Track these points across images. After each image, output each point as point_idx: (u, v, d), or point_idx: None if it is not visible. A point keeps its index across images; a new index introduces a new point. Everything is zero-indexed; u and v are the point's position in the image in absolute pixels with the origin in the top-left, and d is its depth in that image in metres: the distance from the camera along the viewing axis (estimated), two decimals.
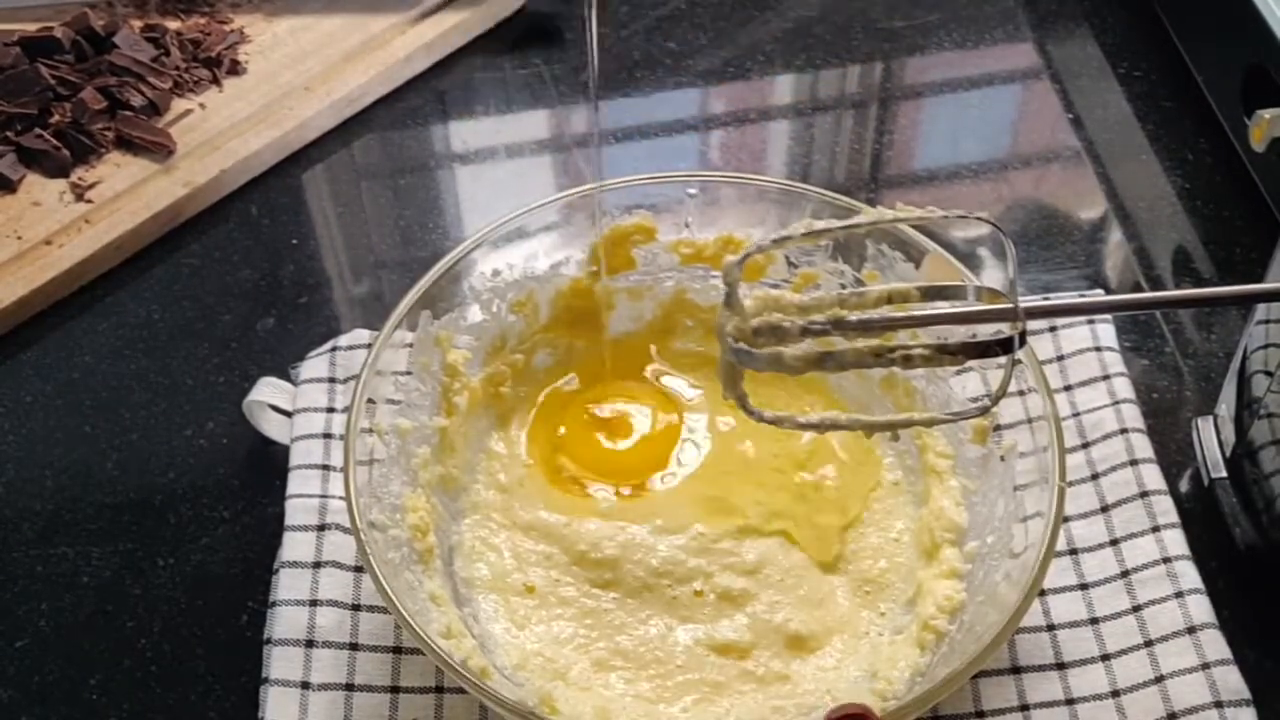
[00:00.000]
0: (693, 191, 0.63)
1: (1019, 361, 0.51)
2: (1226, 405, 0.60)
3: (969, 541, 0.57)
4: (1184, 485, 0.63)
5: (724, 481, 0.62)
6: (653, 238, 0.64)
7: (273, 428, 0.64)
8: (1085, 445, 0.62)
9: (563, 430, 0.64)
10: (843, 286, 0.63)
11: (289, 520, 0.59)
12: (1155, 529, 0.58)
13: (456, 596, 0.57)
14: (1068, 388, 0.64)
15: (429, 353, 0.60)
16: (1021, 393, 0.57)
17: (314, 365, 0.65)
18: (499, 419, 0.64)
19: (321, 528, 0.59)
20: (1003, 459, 0.57)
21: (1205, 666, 0.54)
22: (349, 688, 0.55)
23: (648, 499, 0.61)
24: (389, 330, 0.58)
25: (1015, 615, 0.49)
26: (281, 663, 0.55)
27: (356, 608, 0.57)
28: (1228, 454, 0.59)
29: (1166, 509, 0.59)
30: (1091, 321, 0.66)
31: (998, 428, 0.58)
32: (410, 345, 0.59)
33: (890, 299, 0.47)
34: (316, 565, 0.58)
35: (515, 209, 0.62)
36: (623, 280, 0.65)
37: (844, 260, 0.63)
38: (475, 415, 0.62)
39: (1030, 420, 0.56)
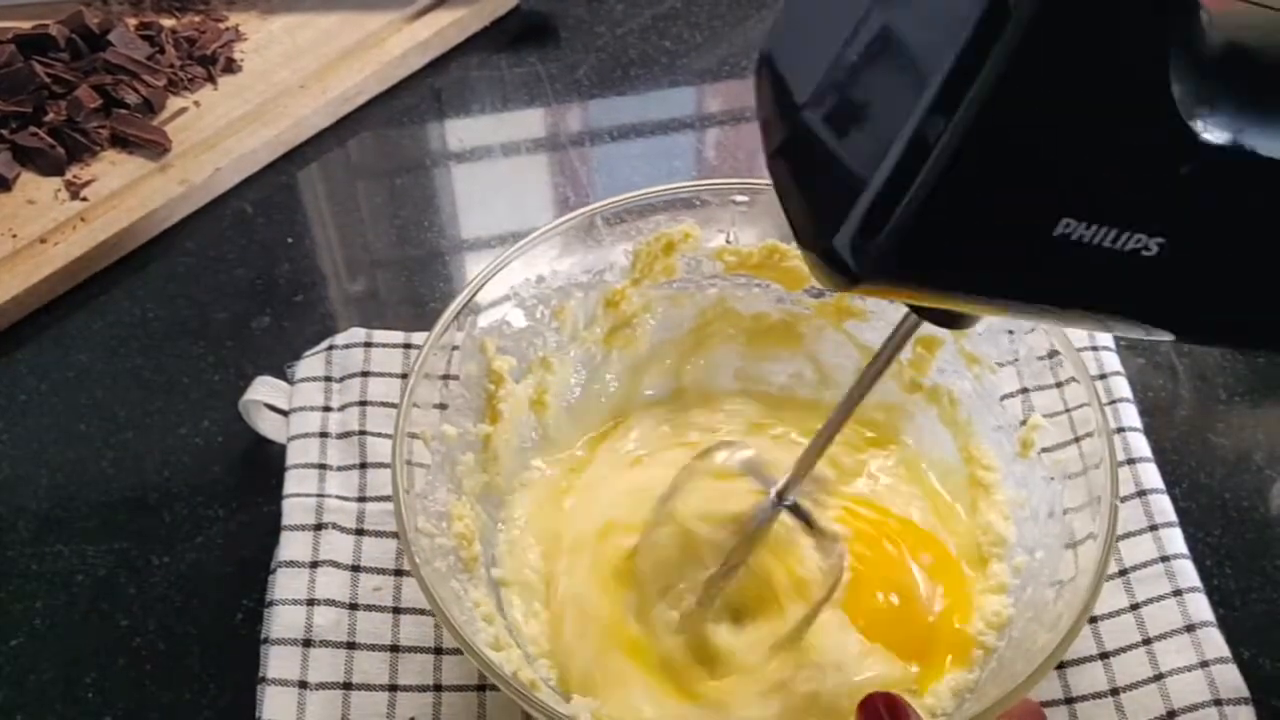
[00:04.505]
0: (741, 199, 0.61)
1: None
2: None
3: (1017, 555, 0.56)
4: (1182, 483, 0.63)
5: None
6: (697, 246, 0.62)
7: (269, 426, 0.64)
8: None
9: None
10: None
11: (286, 520, 0.59)
12: (1153, 527, 0.58)
13: (499, 604, 0.55)
14: (1060, 385, 0.64)
15: (473, 359, 0.59)
16: (1068, 410, 0.55)
17: (310, 364, 0.65)
18: (544, 438, 0.62)
19: (319, 527, 0.59)
20: (1051, 479, 0.56)
21: (1204, 664, 0.54)
22: (346, 686, 0.55)
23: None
24: (438, 333, 0.56)
25: (1068, 636, 0.47)
26: (279, 662, 0.55)
27: (354, 607, 0.57)
28: None
29: (1164, 508, 0.59)
30: None
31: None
32: (456, 349, 0.58)
33: None
34: (314, 565, 0.58)
35: (567, 214, 0.60)
36: (666, 288, 0.63)
37: None
38: (519, 424, 0.61)
39: (1078, 439, 0.55)
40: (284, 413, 0.64)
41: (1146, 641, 0.55)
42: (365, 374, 0.64)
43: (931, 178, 0.30)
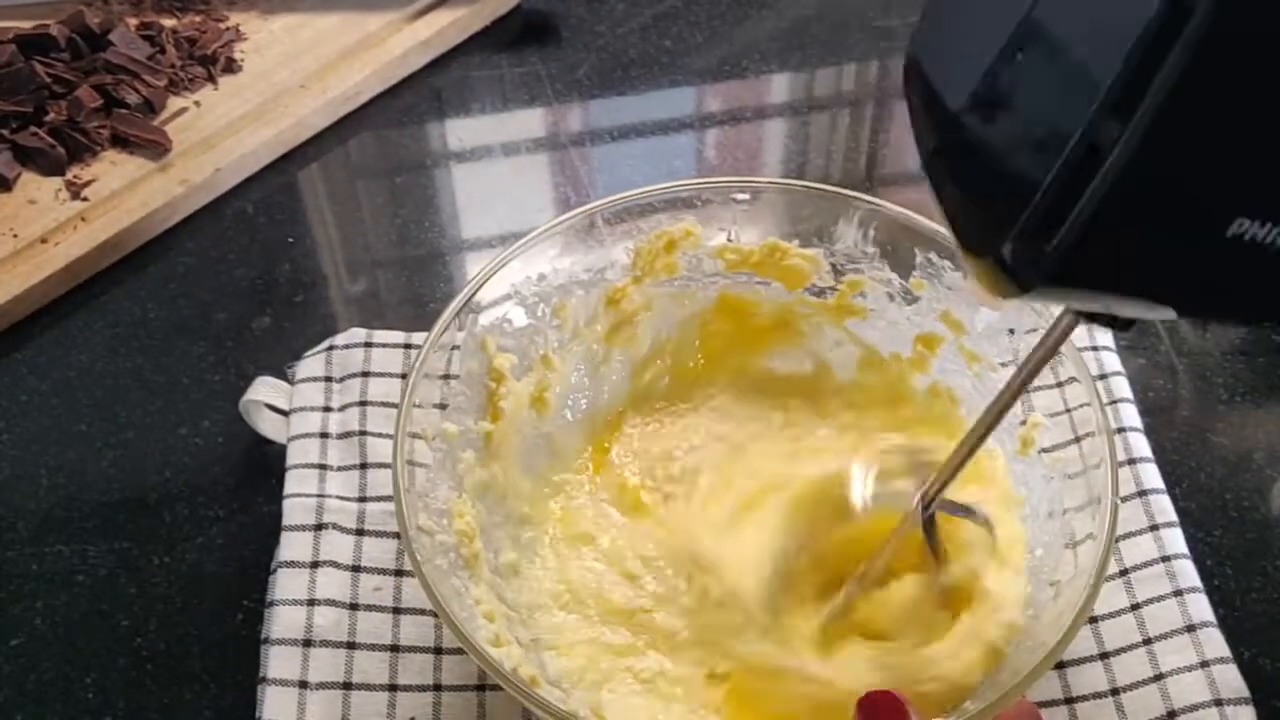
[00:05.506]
0: (742, 197, 0.61)
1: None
2: None
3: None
4: (1183, 483, 0.63)
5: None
6: (698, 244, 0.62)
7: (269, 427, 0.64)
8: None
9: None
10: (890, 297, 0.62)
11: (286, 520, 0.59)
12: (1153, 527, 0.58)
13: (501, 601, 0.55)
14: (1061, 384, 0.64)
15: (474, 356, 0.59)
16: (1069, 410, 0.55)
17: (310, 364, 0.65)
18: (551, 451, 0.62)
19: (319, 527, 0.59)
20: (1051, 479, 0.56)
21: (1204, 665, 0.54)
22: (347, 686, 0.55)
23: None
24: (438, 332, 0.56)
25: (1067, 635, 0.47)
26: (279, 662, 0.55)
27: (354, 607, 0.57)
28: None
29: (1165, 508, 0.59)
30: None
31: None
32: (456, 348, 0.58)
33: None
34: (314, 565, 0.58)
35: (571, 211, 0.60)
36: (667, 286, 0.63)
37: (892, 269, 0.61)
38: (520, 421, 0.60)
39: (1079, 439, 0.55)
40: (284, 413, 0.64)
41: (1147, 642, 0.55)
42: (365, 374, 0.64)
43: (1105, 184, 0.29)
